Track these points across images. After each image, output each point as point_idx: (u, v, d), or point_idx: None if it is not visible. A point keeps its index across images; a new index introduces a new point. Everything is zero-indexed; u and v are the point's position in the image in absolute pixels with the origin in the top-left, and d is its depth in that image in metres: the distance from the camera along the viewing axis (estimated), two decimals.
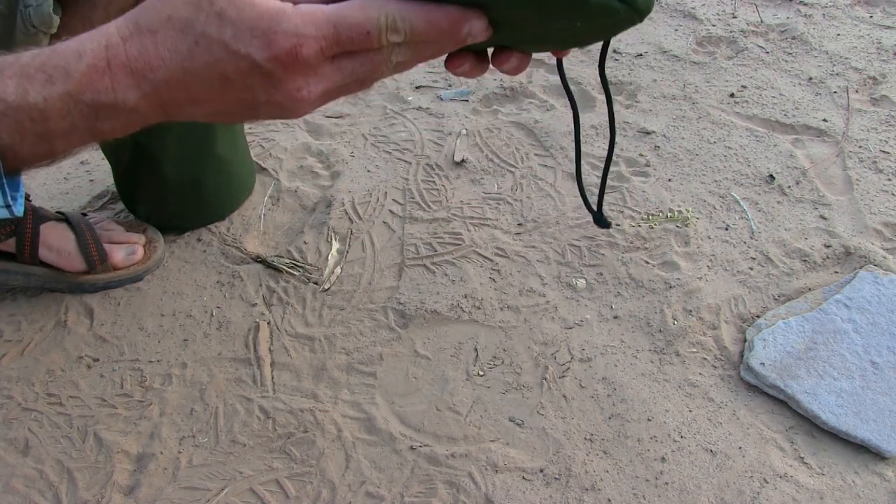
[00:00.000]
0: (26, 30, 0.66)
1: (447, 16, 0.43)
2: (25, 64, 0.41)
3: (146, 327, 1.01)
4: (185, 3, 0.42)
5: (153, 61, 0.42)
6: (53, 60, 0.41)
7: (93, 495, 0.83)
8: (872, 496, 0.82)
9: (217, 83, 0.43)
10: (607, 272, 1.08)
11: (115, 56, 0.42)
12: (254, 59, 0.42)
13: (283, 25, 0.41)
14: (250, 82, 0.43)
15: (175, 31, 0.42)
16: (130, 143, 1.02)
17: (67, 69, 0.41)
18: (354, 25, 0.42)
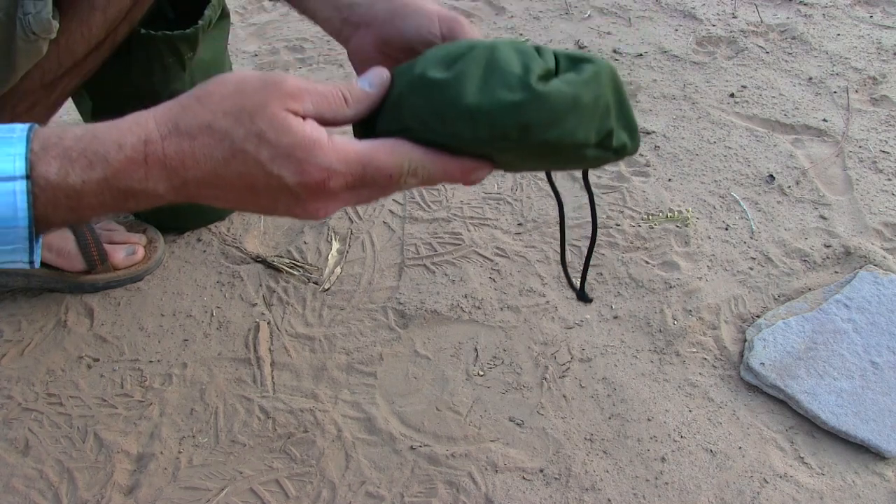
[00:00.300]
0: (26, 37, 0.66)
1: (461, 167, 0.49)
2: (69, 147, 0.44)
3: (146, 327, 1.01)
4: (226, 114, 0.45)
5: (188, 161, 0.45)
6: (94, 146, 0.44)
7: (93, 495, 0.83)
8: (872, 496, 0.82)
9: (245, 191, 0.47)
10: (607, 272, 1.08)
11: (152, 152, 0.45)
12: (284, 182, 0.45)
13: (318, 158, 0.45)
14: (276, 196, 0.47)
15: (213, 140, 0.45)
16: None
17: (107, 158, 0.44)
18: (381, 168, 0.47)
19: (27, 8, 0.65)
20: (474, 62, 0.48)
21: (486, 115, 0.46)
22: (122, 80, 0.92)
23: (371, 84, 0.50)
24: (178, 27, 0.92)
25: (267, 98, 0.45)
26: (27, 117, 0.79)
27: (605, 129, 0.50)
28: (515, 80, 0.47)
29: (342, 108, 0.48)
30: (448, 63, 0.49)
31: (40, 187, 0.43)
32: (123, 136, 0.45)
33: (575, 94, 0.47)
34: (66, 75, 0.77)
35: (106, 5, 0.73)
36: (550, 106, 0.46)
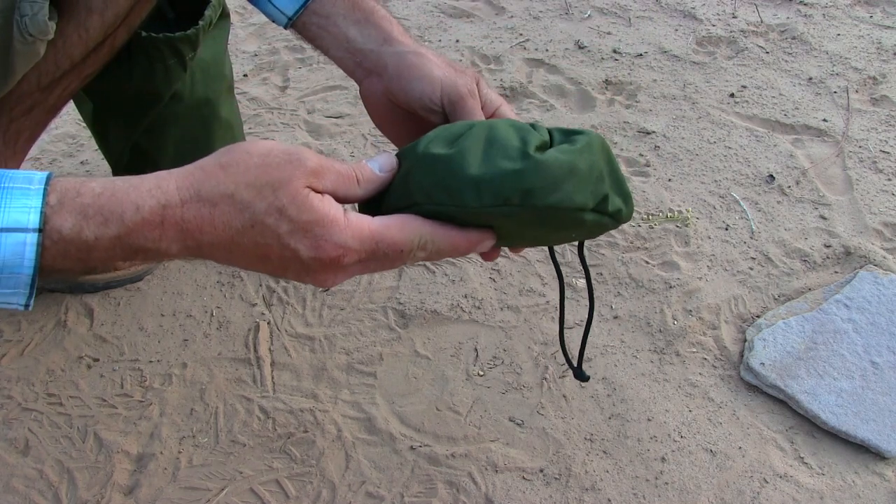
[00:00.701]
0: (23, 39, 0.66)
1: (467, 239, 0.52)
2: (86, 204, 0.45)
3: (146, 327, 1.01)
4: (249, 185, 0.46)
5: (206, 227, 0.47)
6: (111, 206, 0.45)
7: (93, 495, 0.83)
8: (872, 496, 0.82)
9: (258, 258, 0.49)
10: (607, 272, 1.08)
11: (170, 216, 0.46)
12: (299, 254, 0.48)
13: (335, 235, 0.47)
14: (287, 265, 0.49)
15: (234, 209, 0.46)
16: (130, 145, 1.02)
17: (123, 217, 0.45)
18: (393, 244, 0.49)
19: (24, 10, 0.65)
20: (474, 138, 0.52)
21: (489, 182, 0.49)
22: (124, 82, 0.92)
23: (381, 168, 0.53)
24: (178, 28, 0.92)
25: (291, 174, 0.47)
26: (26, 120, 0.79)
27: (600, 194, 0.53)
28: (515, 151, 0.50)
29: (354, 187, 0.51)
30: (450, 141, 0.53)
31: (52, 240, 0.44)
32: (143, 197, 0.45)
33: (571, 161, 0.51)
34: (65, 78, 0.77)
35: (103, 8, 0.73)
36: (549, 172, 0.50)
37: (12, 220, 0.43)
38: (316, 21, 0.69)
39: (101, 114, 1.00)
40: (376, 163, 0.53)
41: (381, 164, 0.53)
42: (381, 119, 0.69)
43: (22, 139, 0.81)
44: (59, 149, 1.34)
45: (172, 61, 0.93)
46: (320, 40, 0.70)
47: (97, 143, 1.09)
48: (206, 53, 0.99)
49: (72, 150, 1.34)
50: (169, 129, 1.01)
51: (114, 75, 0.89)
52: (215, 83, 1.03)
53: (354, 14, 0.67)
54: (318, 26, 0.69)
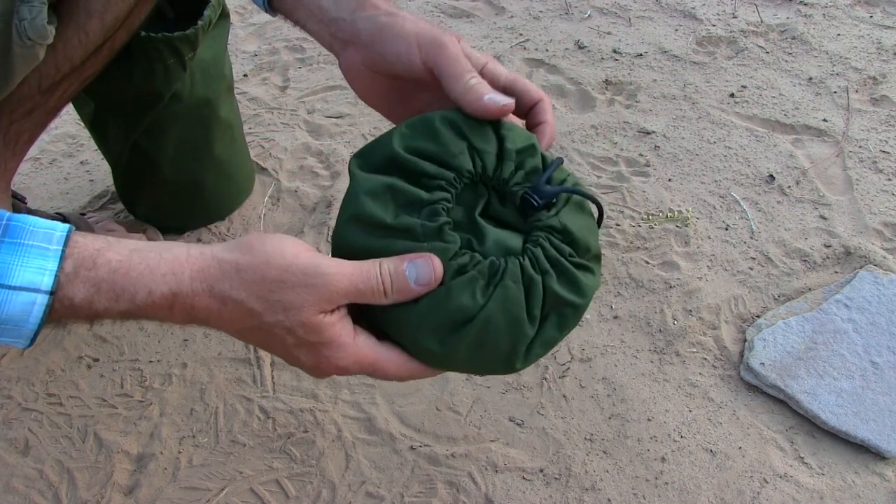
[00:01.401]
0: (22, 43, 0.66)
1: None
2: (101, 278, 0.46)
3: (146, 327, 1.01)
4: (260, 298, 0.47)
5: (212, 317, 0.48)
6: (125, 284, 0.46)
7: (93, 495, 0.83)
8: (872, 496, 0.82)
9: (261, 346, 0.51)
10: (607, 272, 1.08)
11: (180, 304, 0.47)
12: (300, 360, 0.51)
13: (339, 360, 0.50)
14: (287, 358, 0.51)
15: (243, 313, 0.48)
16: (130, 145, 1.02)
17: (134, 298, 0.46)
18: (387, 376, 0.52)
19: (23, 14, 0.65)
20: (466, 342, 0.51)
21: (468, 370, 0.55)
22: (124, 83, 0.93)
23: (417, 282, 0.49)
24: (177, 27, 0.92)
25: (304, 301, 0.47)
26: (26, 122, 0.79)
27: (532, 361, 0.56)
28: (502, 361, 0.53)
29: (380, 298, 0.50)
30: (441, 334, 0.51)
31: (62, 304, 0.45)
32: (156, 282, 0.47)
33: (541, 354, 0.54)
34: (65, 80, 0.77)
35: (103, 11, 0.74)
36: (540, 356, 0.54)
37: (26, 281, 0.44)
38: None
39: (101, 114, 1.00)
40: (413, 271, 0.49)
41: (418, 277, 0.49)
42: (364, 91, 0.65)
43: (22, 140, 0.81)
44: (59, 149, 1.34)
45: (172, 61, 0.93)
46: (296, 13, 0.67)
47: (96, 143, 1.09)
48: (205, 53, 0.99)
49: (72, 150, 1.34)
50: (168, 129, 1.01)
51: (114, 76, 0.89)
52: (215, 83, 1.03)
53: None
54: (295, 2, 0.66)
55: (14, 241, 0.45)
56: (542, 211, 0.53)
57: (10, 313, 0.44)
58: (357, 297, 0.49)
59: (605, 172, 1.26)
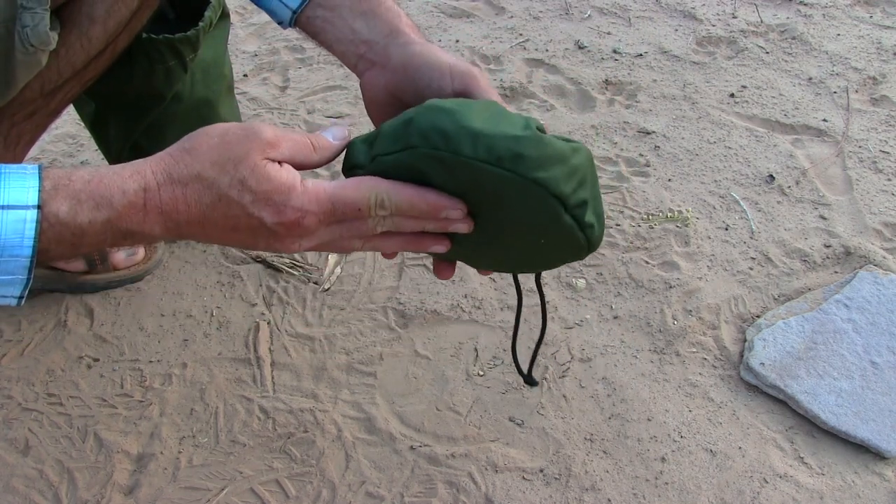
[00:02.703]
0: (25, 49, 0.66)
1: (425, 199, 0.53)
2: (78, 189, 0.48)
3: (146, 327, 1.01)
4: (213, 164, 0.50)
5: (180, 206, 0.51)
6: (101, 190, 0.49)
7: (93, 495, 0.83)
8: (872, 496, 0.82)
9: (228, 229, 0.52)
10: (607, 272, 1.08)
11: (150, 199, 0.50)
12: (264, 221, 0.51)
13: (293, 201, 0.51)
14: (256, 234, 0.52)
15: (202, 186, 0.50)
16: (130, 145, 1.02)
17: (112, 201, 0.49)
18: (349, 203, 0.52)
19: (25, 21, 0.65)
20: (484, 106, 0.54)
21: (488, 137, 0.51)
22: (125, 84, 0.93)
23: (335, 137, 0.56)
24: (178, 28, 0.92)
25: (248, 148, 0.50)
26: (27, 124, 0.79)
27: (580, 197, 0.54)
28: (519, 123, 0.53)
29: (311, 154, 0.54)
30: (460, 103, 0.54)
31: (49, 223, 0.47)
32: (126, 182, 0.49)
33: (565, 150, 0.53)
34: (67, 84, 0.78)
35: (106, 17, 0.74)
36: (545, 149, 0.52)
37: (13, 199, 0.46)
38: (321, 14, 0.69)
39: (102, 114, 1.00)
40: (330, 133, 0.56)
41: (334, 134, 0.56)
42: (378, 113, 0.69)
43: (23, 142, 0.81)
44: (59, 149, 1.34)
45: (173, 62, 0.93)
46: (324, 34, 0.69)
47: (97, 144, 1.09)
48: (206, 54, 0.99)
49: (72, 150, 1.34)
50: (169, 129, 1.01)
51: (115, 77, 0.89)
52: (215, 83, 1.03)
53: (361, 6, 0.67)
54: (323, 19, 0.69)
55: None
56: None
57: (7, 236, 0.46)
58: (293, 147, 0.53)
59: (605, 172, 1.26)
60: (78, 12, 0.72)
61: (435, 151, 0.51)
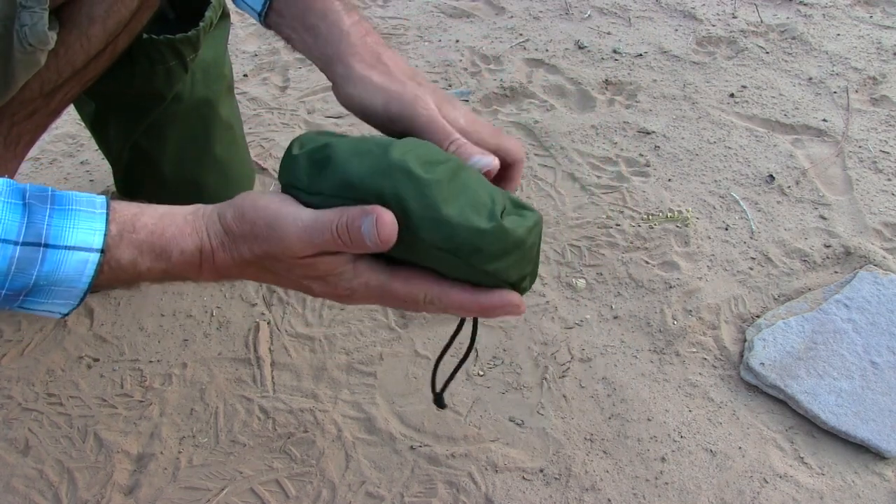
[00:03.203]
0: (23, 49, 0.66)
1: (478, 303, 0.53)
2: (141, 240, 0.51)
3: (146, 327, 1.01)
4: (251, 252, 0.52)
5: (232, 269, 0.54)
6: (161, 244, 0.51)
7: (93, 495, 0.83)
8: (872, 496, 0.82)
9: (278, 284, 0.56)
10: (607, 272, 1.08)
11: (205, 260, 0.53)
12: (313, 290, 0.54)
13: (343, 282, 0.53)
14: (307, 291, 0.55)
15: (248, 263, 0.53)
16: (130, 145, 1.02)
17: (170, 257, 0.52)
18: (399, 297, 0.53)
19: (24, 20, 0.65)
20: (448, 172, 0.51)
21: (451, 227, 0.49)
22: (126, 84, 0.93)
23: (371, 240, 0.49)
24: (178, 28, 0.92)
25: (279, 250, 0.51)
26: (27, 124, 0.79)
27: (524, 274, 0.54)
28: (484, 209, 0.51)
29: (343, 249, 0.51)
30: (426, 161, 0.51)
31: (110, 266, 0.50)
32: (185, 240, 0.52)
33: (523, 236, 0.51)
34: (66, 84, 0.78)
35: (105, 17, 0.74)
36: (504, 241, 0.50)
37: (80, 240, 0.48)
38: (280, 21, 0.67)
39: (102, 114, 1.00)
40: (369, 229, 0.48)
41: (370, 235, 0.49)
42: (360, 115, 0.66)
43: (23, 142, 0.81)
44: (60, 149, 1.34)
45: (174, 63, 0.93)
46: (291, 42, 0.68)
47: (97, 144, 1.09)
48: (206, 53, 0.99)
49: (72, 150, 1.34)
50: (169, 129, 1.01)
51: (115, 77, 0.89)
52: (215, 83, 1.03)
53: (307, 19, 0.65)
54: (285, 26, 0.67)
55: (63, 208, 0.48)
56: None
57: (66, 272, 0.48)
58: (318, 248, 0.50)
59: (605, 172, 1.26)
60: (77, 12, 0.72)
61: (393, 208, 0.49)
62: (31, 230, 0.47)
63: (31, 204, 0.48)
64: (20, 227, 0.47)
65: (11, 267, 0.46)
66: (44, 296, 0.49)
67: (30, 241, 0.47)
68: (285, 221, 0.50)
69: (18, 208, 0.47)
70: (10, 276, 0.47)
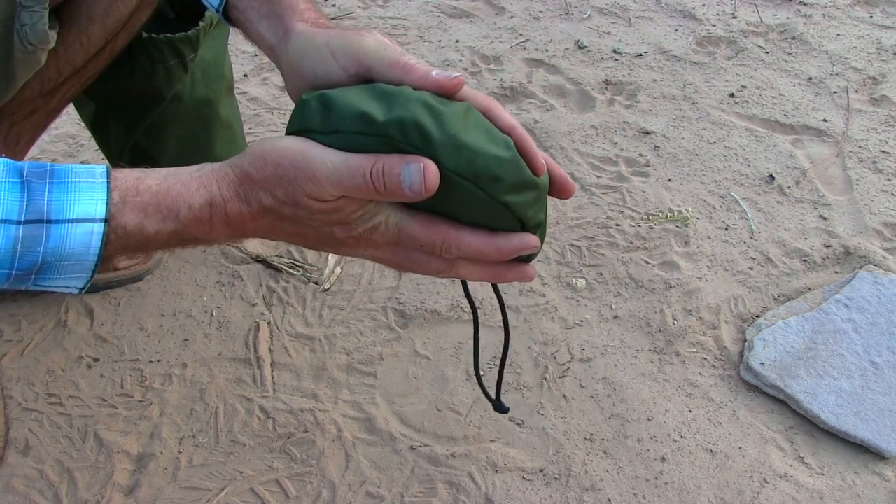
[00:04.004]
0: (24, 48, 0.66)
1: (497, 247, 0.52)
2: (146, 202, 0.49)
3: (146, 327, 1.01)
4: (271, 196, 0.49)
5: (247, 221, 0.51)
6: (167, 203, 0.49)
7: (93, 495, 0.83)
8: (872, 496, 0.82)
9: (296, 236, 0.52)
10: (607, 272, 1.08)
11: (216, 213, 0.50)
12: (334, 234, 0.51)
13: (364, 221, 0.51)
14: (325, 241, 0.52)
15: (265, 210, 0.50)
16: (130, 145, 1.02)
17: (178, 214, 0.49)
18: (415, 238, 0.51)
19: (24, 20, 0.65)
20: (463, 110, 0.51)
21: (471, 152, 0.49)
22: (125, 83, 0.93)
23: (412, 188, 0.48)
24: (178, 28, 0.92)
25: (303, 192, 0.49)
26: (27, 123, 0.79)
27: (539, 220, 0.54)
28: (500, 139, 0.51)
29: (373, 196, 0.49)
30: (442, 101, 0.50)
31: (116, 234, 0.48)
32: (192, 196, 0.50)
33: (536, 180, 0.52)
34: (66, 83, 0.78)
35: (104, 16, 0.74)
36: (522, 173, 0.50)
37: (82, 212, 0.47)
38: (237, 16, 0.65)
39: (102, 114, 1.00)
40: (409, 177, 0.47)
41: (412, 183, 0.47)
42: None
43: (23, 141, 0.81)
44: (60, 149, 1.34)
45: (174, 62, 0.93)
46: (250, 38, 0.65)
47: (97, 143, 1.09)
48: (206, 53, 0.99)
49: (72, 150, 1.34)
50: (169, 129, 1.01)
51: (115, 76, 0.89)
52: (215, 83, 1.03)
53: (264, 7, 0.62)
54: (241, 21, 0.64)
55: (62, 181, 0.47)
56: None
57: (73, 246, 0.47)
58: (346, 192, 0.48)
59: (605, 172, 1.26)
60: (77, 11, 0.72)
61: (412, 149, 0.49)
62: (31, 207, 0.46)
63: (30, 181, 0.47)
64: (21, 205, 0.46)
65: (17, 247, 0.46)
66: (55, 272, 0.49)
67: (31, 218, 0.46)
68: (313, 161, 0.48)
69: (17, 186, 0.46)
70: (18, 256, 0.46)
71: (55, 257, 0.47)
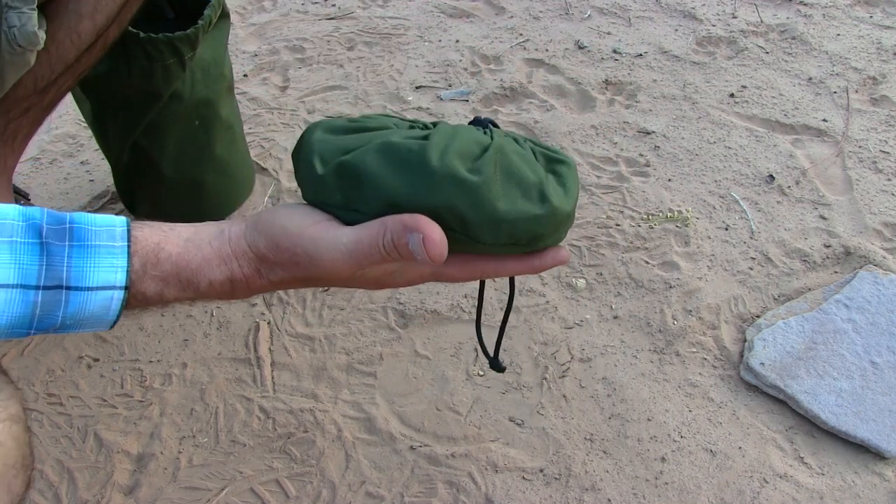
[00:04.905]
0: (12, 50, 0.66)
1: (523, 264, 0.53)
2: (166, 273, 0.49)
3: (146, 327, 1.01)
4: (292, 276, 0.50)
5: (268, 288, 0.52)
6: (187, 276, 0.50)
7: (93, 495, 0.83)
8: (872, 496, 0.82)
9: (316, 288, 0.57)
10: (607, 272, 1.08)
11: (239, 286, 0.51)
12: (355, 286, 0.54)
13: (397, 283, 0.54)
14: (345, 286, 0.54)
15: (290, 284, 0.52)
16: (130, 144, 1.02)
17: (198, 287, 0.50)
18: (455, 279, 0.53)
19: (11, 21, 0.65)
20: (489, 163, 0.49)
21: (510, 224, 0.48)
22: (123, 82, 0.93)
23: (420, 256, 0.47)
24: (177, 27, 0.92)
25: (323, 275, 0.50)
26: (23, 120, 0.79)
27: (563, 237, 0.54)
28: (534, 190, 0.50)
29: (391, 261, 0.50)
30: (468, 157, 0.49)
31: (136, 299, 0.49)
32: (214, 274, 0.50)
33: (571, 211, 0.52)
34: (59, 79, 0.78)
35: (93, 12, 0.74)
36: (557, 220, 0.50)
37: (102, 280, 0.47)
38: None
39: (101, 113, 1.00)
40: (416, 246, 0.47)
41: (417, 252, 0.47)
42: None
43: (19, 138, 0.81)
44: (60, 149, 1.34)
45: (171, 61, 0.93)
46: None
47: (97, 142, 1.09)
48: (205, 53, 0.99)
49: (72, 150, 1.34)
50: (169, 129, 1.01)
51: (113, 75, 0.88)
52: (215, 83, 1.03)
53: None
54: None
55: (82, 244, 0.47)
56: None
57: (93, 311, 0.47)
58: (365, 266, 0.49)
59: (605, 172, 1.26)
60: (65, 9, 0.72)
61: (449, 232, 0.47)
62: (51, 274, 0.46)
63: (49, 243, 0.46)
64: (40, 270, 0.45)
65: (36, 311, 0.46)
66: (73, 328, 0.49)
67: (51, 284, 0.46)
68: (325, 248, 0.48)
69: (36, 248, 0.46)
70: (36, 320, 0.46)
71: (74, 320, 0.47)
